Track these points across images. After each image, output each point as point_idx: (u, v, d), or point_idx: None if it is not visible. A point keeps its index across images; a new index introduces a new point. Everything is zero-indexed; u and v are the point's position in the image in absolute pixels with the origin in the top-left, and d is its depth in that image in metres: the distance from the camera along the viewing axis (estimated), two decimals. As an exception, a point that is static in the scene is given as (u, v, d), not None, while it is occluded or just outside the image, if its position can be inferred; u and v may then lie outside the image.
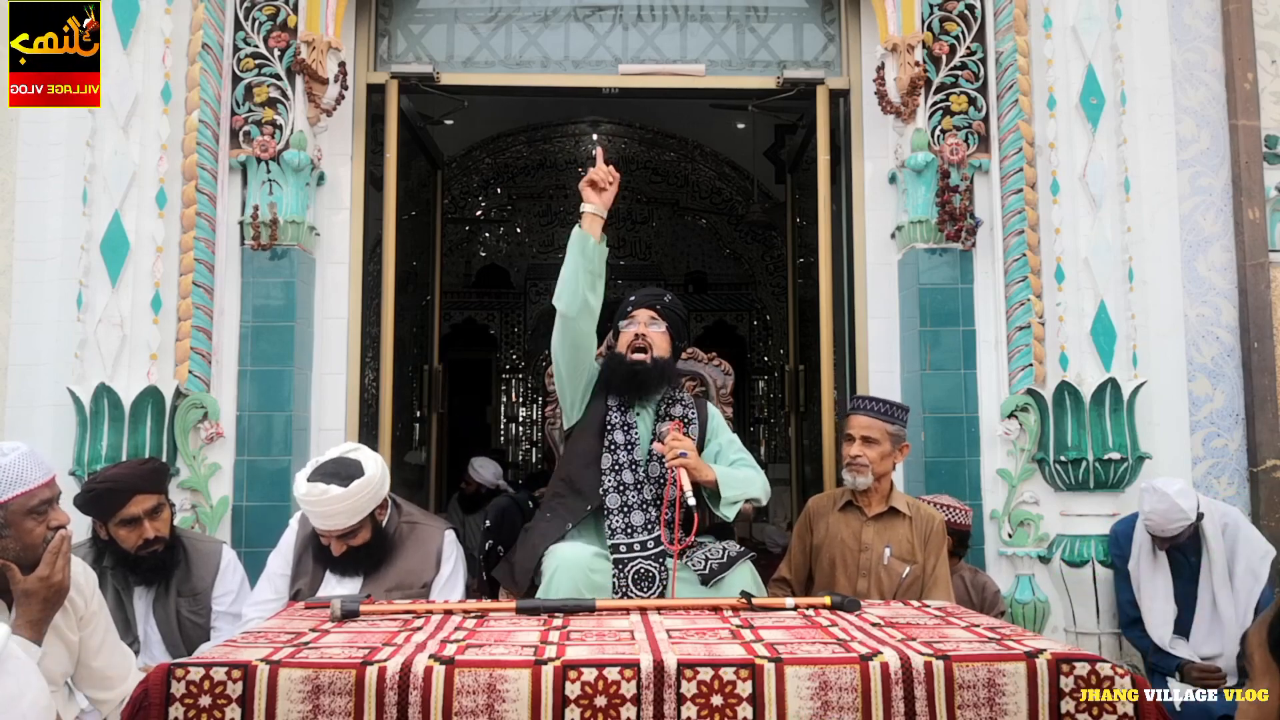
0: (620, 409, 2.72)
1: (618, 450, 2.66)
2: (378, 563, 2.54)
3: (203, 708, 1.56)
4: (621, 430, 2.68)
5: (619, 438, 2.67)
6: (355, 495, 2.39)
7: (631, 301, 2.85)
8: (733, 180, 8.69)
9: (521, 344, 10.68)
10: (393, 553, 2.58)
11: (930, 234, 3.42)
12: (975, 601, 3.04)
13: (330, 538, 2.47)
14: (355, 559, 2.52)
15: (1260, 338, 3.41)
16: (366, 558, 2.52)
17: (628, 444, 2.67)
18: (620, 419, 2.70)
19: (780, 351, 9.48)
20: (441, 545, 2.64)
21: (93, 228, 3.22)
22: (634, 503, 2.59)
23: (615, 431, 2.68)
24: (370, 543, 2.51)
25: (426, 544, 2.62)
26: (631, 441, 2.67)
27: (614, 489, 2.61)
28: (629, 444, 2.67)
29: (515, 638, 1.79)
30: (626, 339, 2.77)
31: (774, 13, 3.85)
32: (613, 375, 2.76)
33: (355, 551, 2.50)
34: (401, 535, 2.61)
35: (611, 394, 2.74)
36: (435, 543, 2.63)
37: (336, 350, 3.54)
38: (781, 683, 1.58)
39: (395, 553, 2.58)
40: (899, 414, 2.78)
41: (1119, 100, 3.40)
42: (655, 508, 2.59)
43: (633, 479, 2.62)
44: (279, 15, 3.37)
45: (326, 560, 2.54)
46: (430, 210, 4.69)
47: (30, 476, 1.85)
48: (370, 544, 2.51)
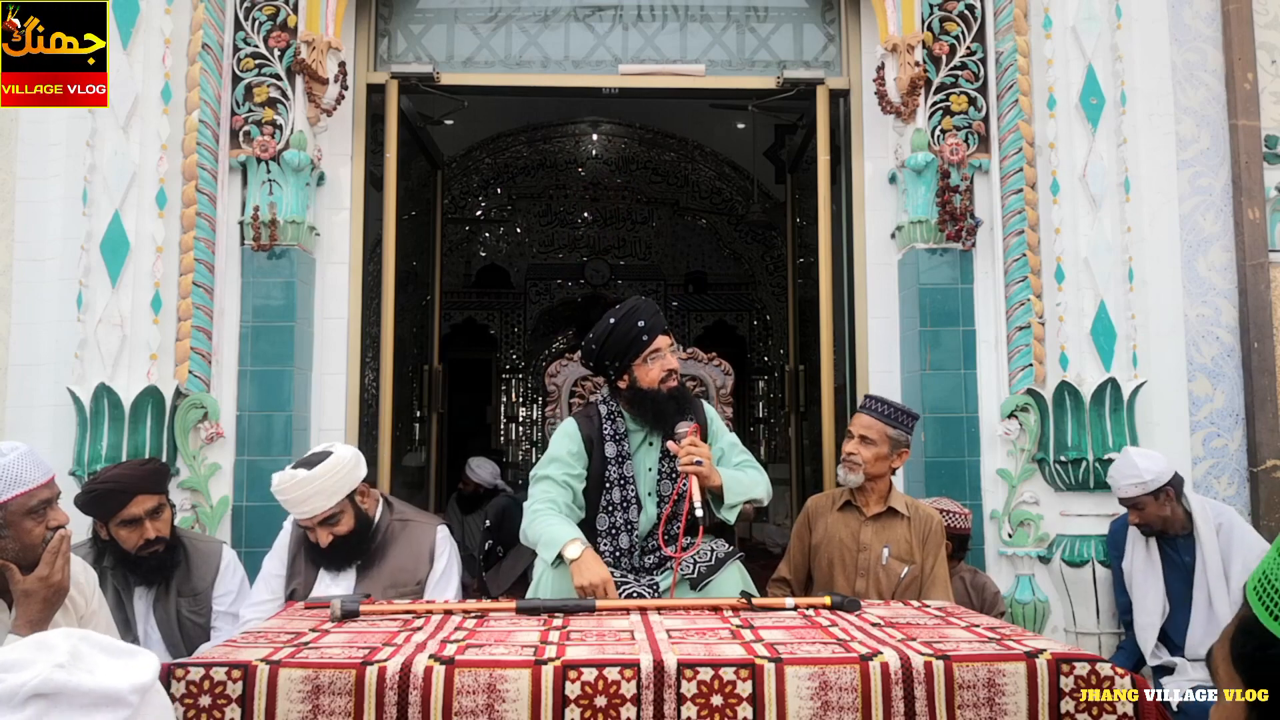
0: (619, 461, 2.58)
1: (615, 511, 2.55)
2: (367, 554, 2.55)
3: (203, 708, 1.56)
4: (619, 488, 2.56)
5: (616, 496, 2.56)
6: (323, 477, 2.42)
7: (643, 329, 2.57)
8: (733, 180, 8.69)
9: (521, 344, 10.68)
10: (385, 550, 2.59)
11: (930, 234, 3.42)
12: (975, 602, 3.04)
13: (312, 526, 2.48)
14: (344, 551, 2.52)
15: (1260, 338, 3.41)
16: (355, 548, 2.53)
17: (624, 503, 2.55)
18: (618, 474, 2.57)
19: (780, 351, 9.48)
20: (434, 542, 2.64)
21: (93, 228, 3.22)
22: (627, 568, 2.52)
23: (613, 490, 2.56)
24: (355, 531, 2.51)
25: (419, 541, 2.63)
26: (629, 500, 2.55)
27: (608, 553, 2.52)
28: (625, 503, 2.55)
29: (515, 638, 1.79)
30: (657, 374, 2.57)
31: (774, 13, 3.86)
32: (644, 413, 2.59)
33: (343, 542, 2.51)
34: (393, 533, 2.62)
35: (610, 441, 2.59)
36: (428, 539, 2.64)
37: (336, 350, 3.54)
38: (781, 683, 1.58)
39: (388, 550, 2.59)
40: (904, 420, 2.74)
41: (1119, 100, 3.40)
42: (647, 569, 2.52)
43: (628, 543, 2.53)
44: (279, 15, 3.37)
45: (319, 559, 2.55)
46: (430, 210, 4.69)
47: (29, 476, 1.86)
48: (356, 533, 2.52)
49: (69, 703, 0.91)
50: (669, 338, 2.62)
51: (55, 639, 0.96)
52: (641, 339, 2.57)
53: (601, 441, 2.59)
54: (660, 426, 2.59)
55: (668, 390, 2.57)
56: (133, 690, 0.94)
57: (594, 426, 2.62)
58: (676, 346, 2.69)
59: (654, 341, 2.57)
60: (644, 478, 2.61)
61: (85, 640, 0.97)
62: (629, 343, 2.57)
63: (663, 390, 2.57)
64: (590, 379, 3.24)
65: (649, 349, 2.57)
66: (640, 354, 2.57)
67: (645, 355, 2.57)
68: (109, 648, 0.99)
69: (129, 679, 0.95)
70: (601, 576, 2.22)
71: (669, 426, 2.55)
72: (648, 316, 2.60)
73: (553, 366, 3.31)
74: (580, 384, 3.26)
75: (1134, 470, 2.91)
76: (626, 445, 2.61)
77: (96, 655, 0.96)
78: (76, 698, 0.91)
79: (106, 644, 0.99)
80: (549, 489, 2.53)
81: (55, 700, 0.91)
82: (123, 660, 0.98)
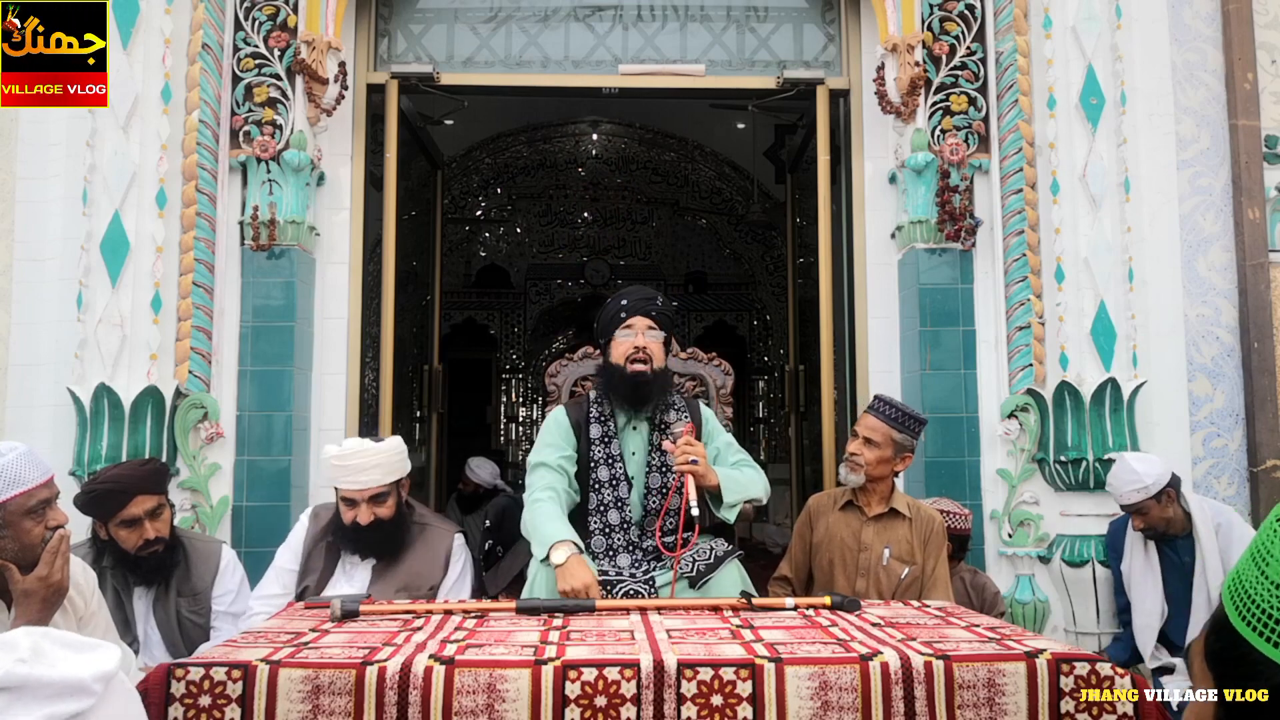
0: (604, 441, 2.64)
1: (603, 489, 2.60)
2: (396, 547, 2.59)
3: (203, 707, 1.56)
4: (605, 466, 2.61)
5: (603, 474, 2.62)
6: (387, 452, 2.56)
7: (625, 307, 2.72)
8: (733, 180, 8.70)
9: (521, 344, 10.69)
10: (402, 552, 2.60)
11: (930, 234, 3.42)
12: (975, 602, 3.03)
13: (360, 501, 2.52)
14: (378, 537, 2.56)
15: (1260, 338, 3.41)
16: (389, 537, 2.57)
17: (613, 480, 2.61)
18: (604, 453, 2.63)
19: (780, 351, 9.48)
20: (451, 548, 2.66)
21: (93, 228, 3.22)
22: (620, 545, 2.57)
23: (599, 469, 2.62)
24: (394, 520, 2.57)
25: (436, 546, 2.64)
26: (617, 478, 2.61)
27: (600, 530, 2.58)
28: (614, 481, 2.61)
29: (515, 638, 1.79)
30: (624, 349, 2.66)
31: (774, 13, 3.85)
32: (612, 389, 2.68)
33: (379, 527, 2.55)
34: (412, 536, 2.63)
35: (595, 423, 2.66)
36: (445, 545, 2.65)
37: (336, 350, 3.54)
38: (781, 683, 1.58)
39: (404, 553, 2.61)
40: (910, 424, 2.72)
41: (1119, 100, 3.40)
42: (641, 549, 2.57)
43: (619, 519, 2.59)
44: (279, 15, 3.37)
45: (348, 543, 2.57)
46: (430, 210, 4.69)
47: (28, 476, 1.85)
48: (394, 521, 2.57)
49: (32, 695, 0.95)
50: (650, 322, 2.70)
51: (17, 637, 0.99)
52: (620, 315, 2.71)
53: (588, 424, 2.67)
54: (629, 405, 2.67)
55: (631, 372, 2.64)
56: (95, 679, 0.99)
57: (581, 412, 2.71)
58: (659, 335, 2.73)
59: (630, 319, 2.70)
60: (630, 460, 2.67)
61: (46, 637, 1.01)
62: (611, 316, 2.74)
63: (626, 370, 2.65)
64: (590, 378, 3.24)
65: (623, 325, 2.70)
66: (615, 329, 2.71)
67: (619, 330, 2.70)
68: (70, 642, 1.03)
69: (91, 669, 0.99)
70: (584, 581, 2.22)
71: (637, 407, 2.66)
72: (634, 298, 2.75)
73: (553, 366, 3.31)
74: (580, 384, 3.26)
75: (1134, 476, 2.90)
76: (612, 426, 2.68)
77: (57, 650, 1.00)
78: (40, 689, 0.95)
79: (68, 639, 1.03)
80: (545, 475, 2.58)
81: (19, 693, 0.94)
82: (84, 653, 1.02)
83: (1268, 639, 0.72)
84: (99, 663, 1.00)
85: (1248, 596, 0.75)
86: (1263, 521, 0.77)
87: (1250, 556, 0.77)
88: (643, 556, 2.57)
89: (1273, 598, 0.72)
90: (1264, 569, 0.74)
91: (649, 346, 2.67)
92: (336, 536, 2.60)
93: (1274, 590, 0.72)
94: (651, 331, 2.70)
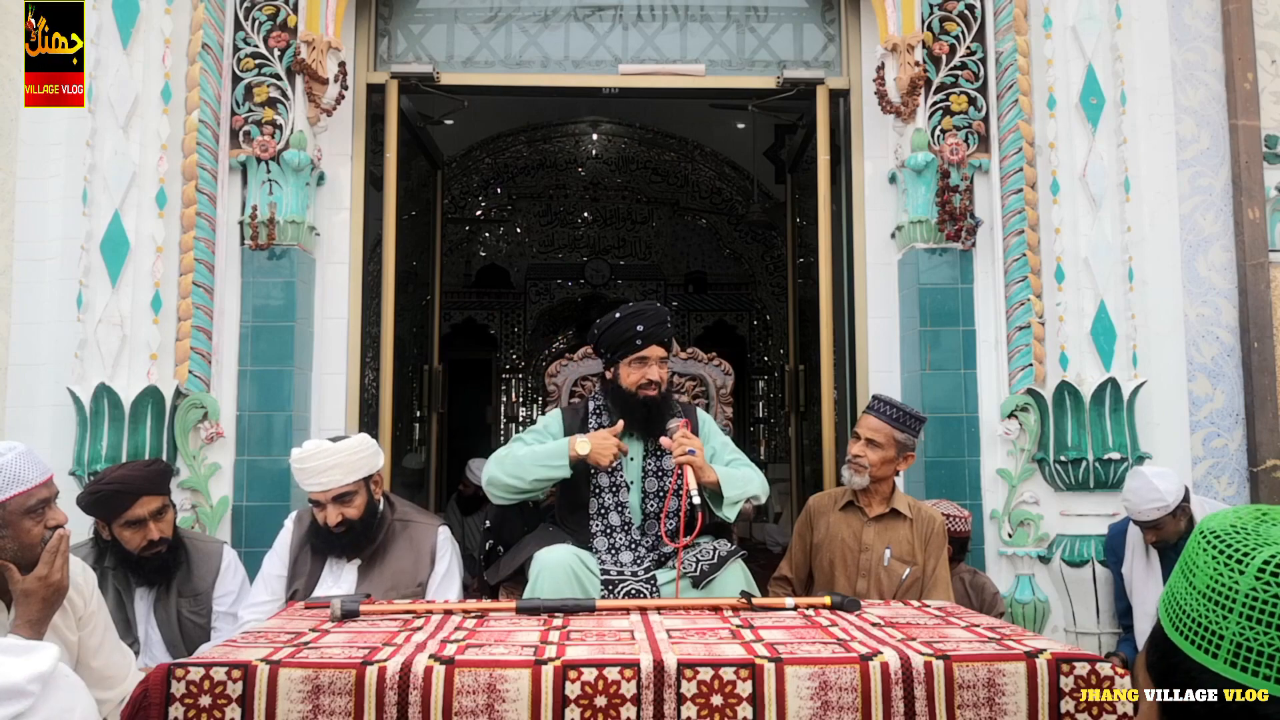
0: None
1: (603, 494, 2.64)
2: (372, 546, 2.56)
3: (203, 708, 1.56)
4: (605, 472, 2.64)
5: (604, 480, 2.65)
6: (345, 451, 2.52)
7: (640, 334, 2.67)
8: (733, 180, 8.69)
9: (521, 344, 10.68)
10: (386, 550, 2.59)
11: (930, 234, 3.42)
12: (975, 602, 3.04)
13: (324, 503, 2.49)
14: (350, 537, 2.53)
15: (1260, 338, 3.40)
16: (362, 535, 2.54)
17: (613, 486, 2.65)
18: None
19: (780, 351, 9.48)
20: (436, 543, 2.64)
21: (93, 228, 3.22)
22: (622, 544, 2.60)
23: (600, 474, 2.64)
24: (363, 519, 2.53)
25: (420, 542, 2.63)
26: (617, 484, 2.65)
27: (601, 532, 2.61)
28: (614, 486, 2.65)
29: (515, 638, 1.79)
30: (637, 379, 2.66)
31: (774, 13, 3.85)
32: (625, 414, 2.67)
33: (350, 528, 2.52)
34: (395, 533, 2.62)
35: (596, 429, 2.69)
36: (429, 540, 2.64)
37: (336, 350, 3.54)
38: (781, 683, 1.58)
39: (389, 551, 2.59)
40: (911, 423, 2.73)
41: (1119, 100, 3.40)
42: (644, 547, 2.60)
43: (620, 520, 2.62)
44: (279, 15, 3.36)
45: (325, 547, 2.55)
46: (430, 210, 4.69)
47: (28, 476, 1.85)
48: (363, 520, 2.53)
49: None
50: (663, 350, 2.70)
51: None
52: (635, 342, 2.68)
53: (584, 431, 2.68)
54: (643, 429, 2.69)
55: (643, 397, 2.66)
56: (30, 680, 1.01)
57: (578, 419, 2.74)
58: (668, 360, 2.77)
59: (645, 349, 2.67)
60: (628, 465, 2.68)
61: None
62: (623, 341, 2.69)
63: (638, 395, 2.66)
64: (590, 379, 3.24)
65: (637, 354, 2.67)
66: (629, 355, 2.68)
67: (633, 358, 2.68)
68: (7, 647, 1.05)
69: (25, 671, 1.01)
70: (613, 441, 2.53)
71: (640, 428, 2.68)
72: (650, 324, 2.68)
73: (553, 366, 3.31)
74: (580, 384, 3.26)
75: (1155, 494, 2.87)
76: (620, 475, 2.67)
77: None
78: None
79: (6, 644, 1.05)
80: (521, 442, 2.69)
81: None
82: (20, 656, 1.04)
83: (1199, 645, 0.75)
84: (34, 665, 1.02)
85: (1179, 608, 0.78)
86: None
87: (1179, 569, 0.80)
88: (645, 554, 2.58)
89: (1200, 605, 0.75)
90: (1190, 580, 0.77)
91: (661, 376, 2.70)
92: (313, 539, 2.59)
93: (1200, 599, 0.75)
94: (662, 359, 2.71)
